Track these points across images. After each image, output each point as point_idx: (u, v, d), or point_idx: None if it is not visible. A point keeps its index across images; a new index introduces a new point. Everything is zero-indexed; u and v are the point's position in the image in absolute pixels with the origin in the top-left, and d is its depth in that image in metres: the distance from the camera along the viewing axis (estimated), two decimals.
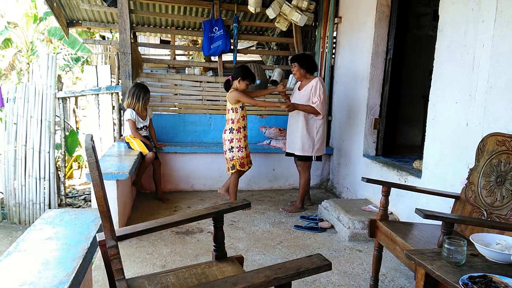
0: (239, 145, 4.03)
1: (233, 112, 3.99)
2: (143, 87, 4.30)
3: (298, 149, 4.08)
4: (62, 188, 5.23)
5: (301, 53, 4.25)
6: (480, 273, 1.44)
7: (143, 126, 4.36)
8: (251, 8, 4.90)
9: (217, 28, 5.17)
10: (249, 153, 4.19)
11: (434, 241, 2.18)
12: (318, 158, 4.24)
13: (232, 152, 4.03)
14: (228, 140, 4.04)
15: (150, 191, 4.51)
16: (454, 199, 2.52)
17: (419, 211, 1.95)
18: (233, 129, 4.01)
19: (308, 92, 3.96)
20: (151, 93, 4.60)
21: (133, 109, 4.24)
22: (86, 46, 10.17)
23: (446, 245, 1.55)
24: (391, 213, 3.62)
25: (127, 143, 4.34)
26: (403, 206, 3.54)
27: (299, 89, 4.11)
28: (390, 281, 2.79)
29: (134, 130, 4.25)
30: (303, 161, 4.15)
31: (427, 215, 1.91)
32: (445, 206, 2.82)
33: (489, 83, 2.54)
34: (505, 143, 2.23)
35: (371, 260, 2.77)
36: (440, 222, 1.99)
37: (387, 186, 2.51)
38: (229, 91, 4.00)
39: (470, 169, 2.46)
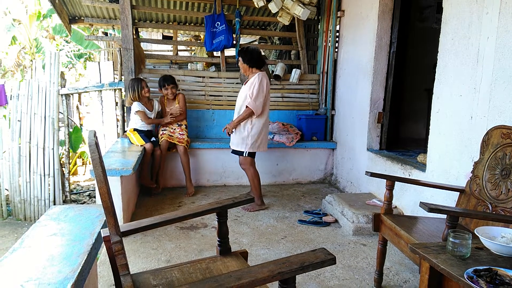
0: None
1: None
2: (136, 78, 4.48)
3: (234, 143, 4.03)
4: (66, 184, 5.24)
5: (246, 48, 4.07)
6: (485, 266, 1.44)
7: (149, 119, 4.45)
8: (255, 2, 4.87)
9: (219, 23, 5.15)
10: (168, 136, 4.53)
11: (439, 235, 2.17)
12: (251, 154, 4.04)
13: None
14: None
15: (157, 188, 4.54)
16: (458, 193, 2.51)
17: (423, 205, 1.94)
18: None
19: (247, 87, 3.91)
20: (153, 89, 4.64)
21: (139, 102, 4.39)
22: (95, 43, 10.18)
23: (451, 239, 1.55)
24: (395, 207, 3.61)
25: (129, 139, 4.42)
26: (407, 200, 3.53)
27: (244, 84, 4.05)
28: (394, 274, 2.79)
29: (146, 119, 4.41)
30: (240, 155, 4.03)
31: (432, 208, 1.90)
32: (449, 200, 2.82)
33: (493, 75, 2.52)
34: (510, 135, 2.21)
35: (375, 254, 2.77)
36: (444, 216, 1.98)
37: (391, 180, 2.50)
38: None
39: (474, 162, 2.44)
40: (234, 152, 4.09)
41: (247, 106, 3.85)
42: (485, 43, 2.60)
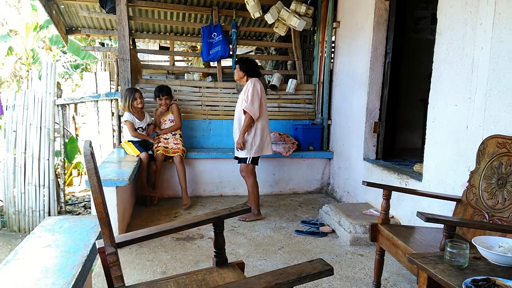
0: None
1: None
2: (131, 89, 4.54)
3: (238, 150, 4.02)
4: (61, 195, 5.21)
5: (245, 57, 4.29)
6: (483, 276, 1.43)
7: (139, 128, 4.43)
8: (252, 13, 4.91)
9: (216, 33, 5.19)
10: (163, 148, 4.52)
11: (436, 245, 2.17)
12: (254, 161, 4.06)
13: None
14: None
15: (153, 196, 4.51)
16: (455, 202, 2.51)
17: (420, 215, 1.94)
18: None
19: (242, 93, 4.00)
20: (149, 99, 4.65)
21: (130, 112, 4.40)
22: (91, 53, 10.20)
23: (448, 249, 1.54)
24: (392, 216, 3.60)
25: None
26: (404, 210, 3.53)
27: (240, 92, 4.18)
28: (392, 285, 2.78)
29: (133, 130, 4.38)
30: (242, 163, 4.04)
31: (429, 218, 1.90)
32: (446, 209, 2.81)
33: (488, 85, 2.54)
34: (505, 145, 2.22)
35: (373, 265, 2.76)
36: (441, 226, 1.98)
37: (388, 190, 2.50)
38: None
39: (471, 171, 2.45)
40: (239, 160, 4.09)
41: (244, 111, 3.87)
42: (479, 53, 2.62)
